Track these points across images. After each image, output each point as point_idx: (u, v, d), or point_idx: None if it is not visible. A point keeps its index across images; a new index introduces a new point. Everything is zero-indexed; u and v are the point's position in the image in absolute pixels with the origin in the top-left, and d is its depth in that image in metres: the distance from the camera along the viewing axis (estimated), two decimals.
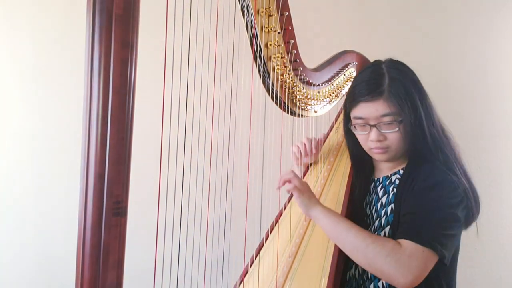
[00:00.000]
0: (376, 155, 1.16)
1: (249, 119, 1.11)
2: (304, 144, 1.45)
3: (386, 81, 1.10)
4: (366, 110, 1.11)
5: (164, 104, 0.77)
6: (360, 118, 1.13)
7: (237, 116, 1.15)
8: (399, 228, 1.06)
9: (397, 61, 1.17)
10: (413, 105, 1.08)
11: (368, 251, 0.98)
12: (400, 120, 1.08)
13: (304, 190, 1.13)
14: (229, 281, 1.21)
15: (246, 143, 1.13)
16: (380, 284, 1.11)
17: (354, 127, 1.16)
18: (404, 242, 0.98)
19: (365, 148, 1.18)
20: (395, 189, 1.15)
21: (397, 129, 1.09)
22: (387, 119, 1.09)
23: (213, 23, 0.96)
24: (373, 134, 1.11)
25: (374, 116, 1.10)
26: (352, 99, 1.15)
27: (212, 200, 1.08)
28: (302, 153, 1.45)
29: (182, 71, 0.82)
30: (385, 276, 0.98)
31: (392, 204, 1.14)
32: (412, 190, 1.08)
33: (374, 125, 1.10)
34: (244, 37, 1.11)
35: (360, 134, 1.16)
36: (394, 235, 1.08)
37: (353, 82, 1.22)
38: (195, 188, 1.08)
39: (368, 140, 1.14)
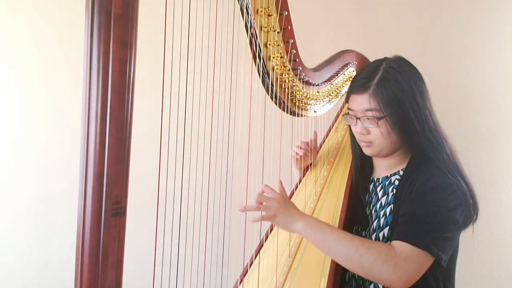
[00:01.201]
0: (363, 148, 1.19)
1: (248, 118, 1.10)
2: (306, 142, 1.45)
3: (376, 78, 1.11)
4: (354, 102, 1.15)
5: (163, 103, 0.77)
6: (350, 109, 1.17)
7: (236, 115, 1.15)
8: (397, 229, 1.06)
9: (402, 60, 1.16)
10: (401, 106, 1.08)
11: (363, 260, 0.97)
12: (379, 117, 1.09)
13: (276, 213, 1.04)
14: (229, 281, 1.21)
15: (245, 142, 1.13)
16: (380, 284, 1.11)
17: (348, 118, 1.19)
18: (401, 244, 0.98)
19: (356, 139, 1.21)
20: (394, 190, 1.15)
21: (376, 125, 1.11)
22: (368, 114, 1.11)
23: (212, 22, 0.95)
24: (358, 126, 1.15)
25: (359, 109, 1.13)
26: (348, 91, 1.20)
27: (211, 199, 1.08)
28: (301, 154, 1.45)
29: (181, 71, 0.82)
30: (382, 281, 0.99)
31: (391, 205, 1.14)
32: (412, 191, 1.08)
33: (359, 118, 1.13)
34: (244, 37, 1.11)
35: (351, 125, 1.20)
36: (392, 236, 1.08)
37: (355, 75, 1.25)
38: (194, 188, 1.08)
39: (355, 132, 1.18)
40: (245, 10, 1.07)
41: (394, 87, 1.09)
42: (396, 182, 1.16)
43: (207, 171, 1.08)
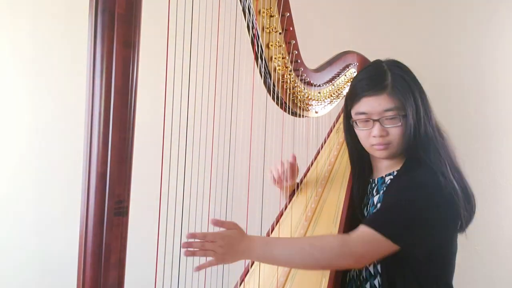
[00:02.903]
0: (377, 151, 1.15)
1: (250, 119, 1.11)
2: (278, 169, 1.38)
3: (389, 76, 1.11)
4: (369, 104, 1.11)
5: (165, 104, 0.77)
6: (363, 113, 1.13)
7: (238, 116, 1.15)
8: (367, 216, 1.08)
9: (397, 60, 1.18)
10: (415, 101, 1.09)
11: (320, 262, 1.00)
12: (403, 114, 1.09)
13: (225, 256, 0.93)
14: (230, 280, 1.21)
15: (247, 143, 1.14)
16: (376, 282, 1.12)
17: (356, 123, 1.16)
18: (364, 229, 1.00)
19: (366, 145, 1.17)
20: (384, 188, 1.16)
21: (400, 123, 1.09)
22: (390, 113, 1.09)
23: (214, 23, 0.96)
24: (376, 129, 1.11)
25: (377, 111, 1.10)
26: (354, 95, 1.16)
27: (213, 199, 1.08)
28: (276, 178, 1.39)
29: (183, 71, 0.82)
30: (341, 268, 1.06)
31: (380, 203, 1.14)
32: (396, 187, 1.10)
33: (377, 120, 1.11)
34: (246, 38, 1.11)
35: (361, 130, 1.16)
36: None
37: (353, 80, 1.22)
38: (196, 187, 1.08)
39: (370, 136, 1.13)
40: (247, 11, 1.07)
41: (408, 84, 1.10)
42: (389, 182, 1.17)
43: (209, 171, 1.09)
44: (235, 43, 1.02)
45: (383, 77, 1.11)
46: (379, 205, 1.14)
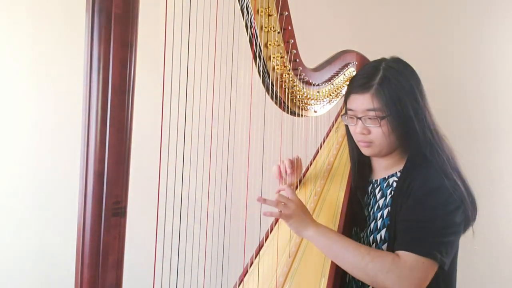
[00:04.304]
0: (362, 148, 1.18)
1: (248, 119, 1.11)
2: (284, 162, 1.40)
3: (378, 77, 1.11)
4: (354, 102, 1.14)
5: (163, 103, 0.77)
6: (350, 109, 1.16)
7: (236, 116, 1.15)
8: (397, 237, 1.06)
9: (400, 61, 1.17)
10: (402, 106, 1.08)
11: (368, 269, 0.99)
12: (382, 116, 1.09)
13: (293, 214, 1.07)
14: (229, 281, 1.21)
15: (245, 142, 1.13)
16: None
17: (346, 118, 1.19)
18: (404, 254, 0.99)
19: (355, 140, 1.20)
20: (392, 192, 1.15)
21: (378, 125, 1.10)
22: (370, 114, 1.11)
23: (212, 22, 0.95)
24: (358, 126, 1.14)
25: (360, 109, 1.12)
26: (347, 91, 1.20)
27: (211, 199, 1.08)
28: (283, 173, 1.39)
29: (181, 71, 0.82)
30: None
31: (389, 208, 1.14)
32: (409, 196, 1.08)
33: (360, 118, 1.13)
34: (244, 37, 1.11)
35: (350, 126, 1.19)
36: (390, 238, 1.09)
37: (354, 75, 1.26)
38: (194, 187, 1.08)
39: (355, 132, 1.16)
40: (245, 10, 1.07)
41: (396, 86, 1.09)
42: (394, 184, 1.16)
43: (207, 171, 1.08)
44: (233, 42, 1.02)
45: (372, 77, 1.12)
46: (387, 210, 1.14)
